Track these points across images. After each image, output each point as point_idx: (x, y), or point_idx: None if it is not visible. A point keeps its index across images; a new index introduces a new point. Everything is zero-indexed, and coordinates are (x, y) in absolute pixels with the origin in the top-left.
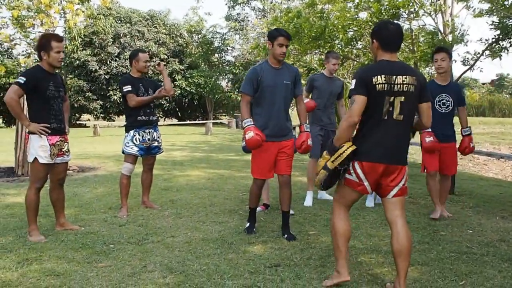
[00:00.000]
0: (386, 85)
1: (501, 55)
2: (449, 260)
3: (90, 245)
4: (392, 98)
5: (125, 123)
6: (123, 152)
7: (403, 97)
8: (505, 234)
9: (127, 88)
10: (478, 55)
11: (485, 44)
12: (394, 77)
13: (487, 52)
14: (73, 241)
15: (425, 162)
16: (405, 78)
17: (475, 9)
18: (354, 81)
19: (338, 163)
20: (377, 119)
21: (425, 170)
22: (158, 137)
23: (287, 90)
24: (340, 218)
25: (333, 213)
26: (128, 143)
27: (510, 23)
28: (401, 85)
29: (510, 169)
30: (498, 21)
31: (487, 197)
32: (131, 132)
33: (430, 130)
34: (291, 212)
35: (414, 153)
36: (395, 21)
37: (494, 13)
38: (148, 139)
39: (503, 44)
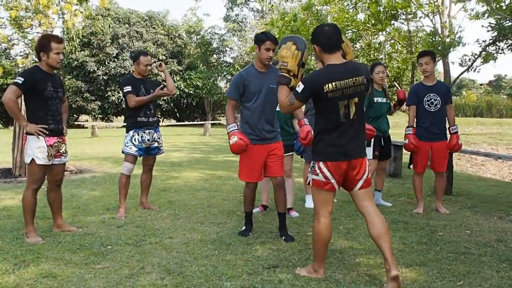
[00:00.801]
0: (337, 91)
1: (496, 58)
2: (447, 261)
3: (87, 247)
4: (346, 101)
5: (125, 123)
6: (123, 151)
7: (356, 98)
8: (503, 234)
9: (127, 88)
10: (476, 57)
11: (482, 46)
12: (344, 81)
13: (484, 53)
14: (70, 243)
15: (414, 162)
16: (355, 80)
17: (472, 9)
18: (302, 86)
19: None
20: (335, 122)
21: (411, 167)
22: (159, 138)
23: (273, 94)
24: (323, 224)
25: (316, 219)
26: (127, 143)
27: (507, 24)
28: (353, 88)
29: (508, 170)
30: (495, 23)
31: (485, 198)
32: (131, 132)
33: (410, 132)
34: (296, 214)
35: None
36: (331, 23)
37: (491, 15)
38: (148, 140)
39: (500, 46)
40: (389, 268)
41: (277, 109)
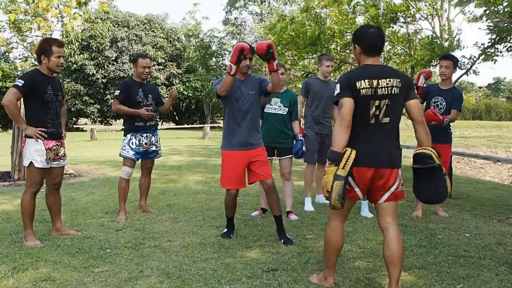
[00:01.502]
0: (370, 89)
1: (496, 59)
2: (446, 264)
3: (86, 250)
4: (378, 101)
5: (123, 126)
6: (120, 155)
7: (388, 100)
8: (502, 237)
9: (116, 92)
10: (474, 59)
11: (480, 48)
12: (378, 80)
13: (483, 57)
14: (69, 246)
15: None
16: (389, 81)
17: (471, 12)
18: (338, 86)
19: (349, 168)
20: (364, 123)
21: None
22: (157, 142)
23: (253, 100)
24: (335, 230)
25: (328, 224)
26: (125, 146)
27: (505, 26)
28: (385, 88)
29: (507, 173)
30: (493, 25)
31: (484, 201)
32: (128, 136)
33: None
34: (295, 217)
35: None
36: (375, 25)
37: (489, 18)
38: (145, 143)
39: (498, 48)
40: None
41: (275, 112)
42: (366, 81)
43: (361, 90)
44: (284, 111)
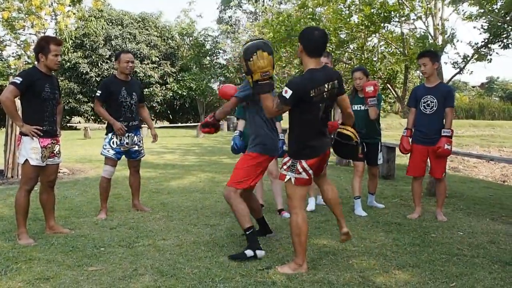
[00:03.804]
0: (319, 95)
1: (491, 59)
2: (439, 262)
3: (80, 249)
4: (324, 103)
5: (105, 125)
6: (101, 153)
7: (331, 99)
8: (495, 236)
9: (98, 93)
10: (468, 58)
11: (474, 47)
12: (324, 86)
13: (476, 56)
14: (63, 245)
15: (408, 166)
16: (332, 83)
17: (465, 12)
18: (290, 91)
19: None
20: (314, 123)
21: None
22: (139, 141)
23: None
24: (303, 218)
25: (295, 214)
26: (105, 145)
27: (499, 25)
28: (329, 91)
29: (500, 171)
30: (487, 24)
31: (477, 199)
32: (109, 135)
33: (404, 133)
34: (288, 215)
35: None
36: (320, 28)
37: (483, 17)
38: (127, 143)
39: (492, 47)
40: (341, 225)
41: None
42: (318, 88)
43: (314, 97)
44: None
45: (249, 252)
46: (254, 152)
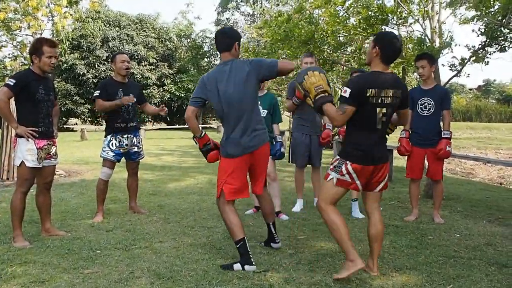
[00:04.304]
0: (376, 98)
1: (488, 61)
2: (436, 264)
3: (76, 251)
4: (379, 109)
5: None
6: (100, 156)
7: (387, 109)
8: (492, 238)
9: (96, 93)
10: (465, 61)
11: (471, 50)
12: (384, 90)
13: (474, 58)
14: (58, 247)
15: (407, 168)
16: (394, 91)
17: (462, 15)
18: (349, 90)
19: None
20: (369, 128)
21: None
22: (139, 143)
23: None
24: (335, 213)
25: (325, 212)
26: (104, 147)
27: (497, 28)
28: (388, 98)
29: (497, 174)
30: (484, 27)
31: (474, 202)
32: (108, 137)
33: (403, 135)
34: (286, 217)
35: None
36: (397, 36)
37: (480, 20)
38: (126, 145)
39: (489, 50)
40: (371, 265)
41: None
42: (376, 90)
43: (370, 98)
44: (264, 113)
45: (236, 266)
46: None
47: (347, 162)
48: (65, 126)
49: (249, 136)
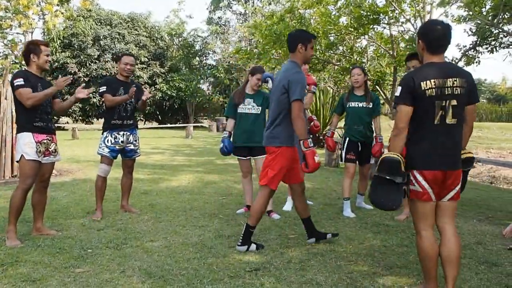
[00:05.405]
0: (436, 89)
1: (479, 61)
2: None
3: (67, 250)
4: (444, 102)
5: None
6: (97, 153)
7: (455, 101)
8: (482, 237)
9: (102, 89)
10: (456, 61)
11: (462, 49)
12: (444, 80)
13: (465, 59)
14: (50, 246)
15: None
16: (455, 80)
17: (453, 15)
18: (400, 88)
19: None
20: (430, 125)
21: None
22: (135, 140)
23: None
24: (425, 239)
25: (418, 236)
26: (101, 144)
27: (487, 28)
28: (452, 88)
29: (487, 173)
30: (475, 27)
31: (464, 201)
32: (105, 133)
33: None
34: (277, 216)
35: None
36: (443, 21)
37: (472, 20)
38: (122, 142)
39: (479, 50)
40: None
41: (249, 112)
42: (432, 80)
43: (427, 91)
44: (258, 110)
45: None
46: None
47: (413, 169)
48: (56, 125)
49: None
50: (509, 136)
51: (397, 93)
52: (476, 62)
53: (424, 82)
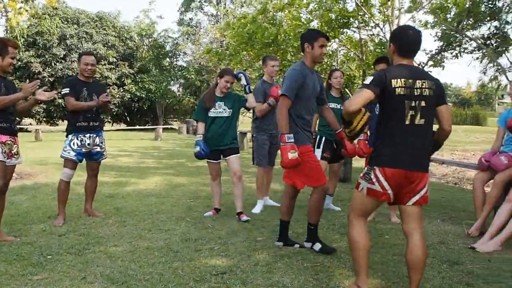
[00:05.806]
0: (405, 88)
1: (444, 66)
2: (392, 263)
3: (25, 257)
4: (414, 102)
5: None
6: (61, 156)
7: (424, 102)
8: (445, 236)
9: (65, 90)
10: (423, 65)
11: (428, 54)
12: (413, 81)
13: (431, 63)
14: (6, 253)
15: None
16: (424, 82)
17: (420, 20)
18: (371, 77)
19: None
20: (399, 124)
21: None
22: (101, 143)
23: (316, 93)
24: (360, 230)
25: (350, 225)
26: (66, 147)
27: (452, 34)
28: (421, 89)
29: (452, 174)
30: (441, 33)
31: (429, 202)
32: (70, 136)
33: (361, 137)
34: (247, 218)
35: None
36: (416, 28)
37: (438, 26)
38: (88, 144)
39: (445, 55)
40: None
41: (220, 115)
42: (403, 80)
43: (397, 89)
44: (229, 113)
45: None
46: None
47: (375, 167)
48: (18, 126)
49: None
50: (473, 139)
51: (367, 81)
52: (441, 66)
53: (395, 80)
